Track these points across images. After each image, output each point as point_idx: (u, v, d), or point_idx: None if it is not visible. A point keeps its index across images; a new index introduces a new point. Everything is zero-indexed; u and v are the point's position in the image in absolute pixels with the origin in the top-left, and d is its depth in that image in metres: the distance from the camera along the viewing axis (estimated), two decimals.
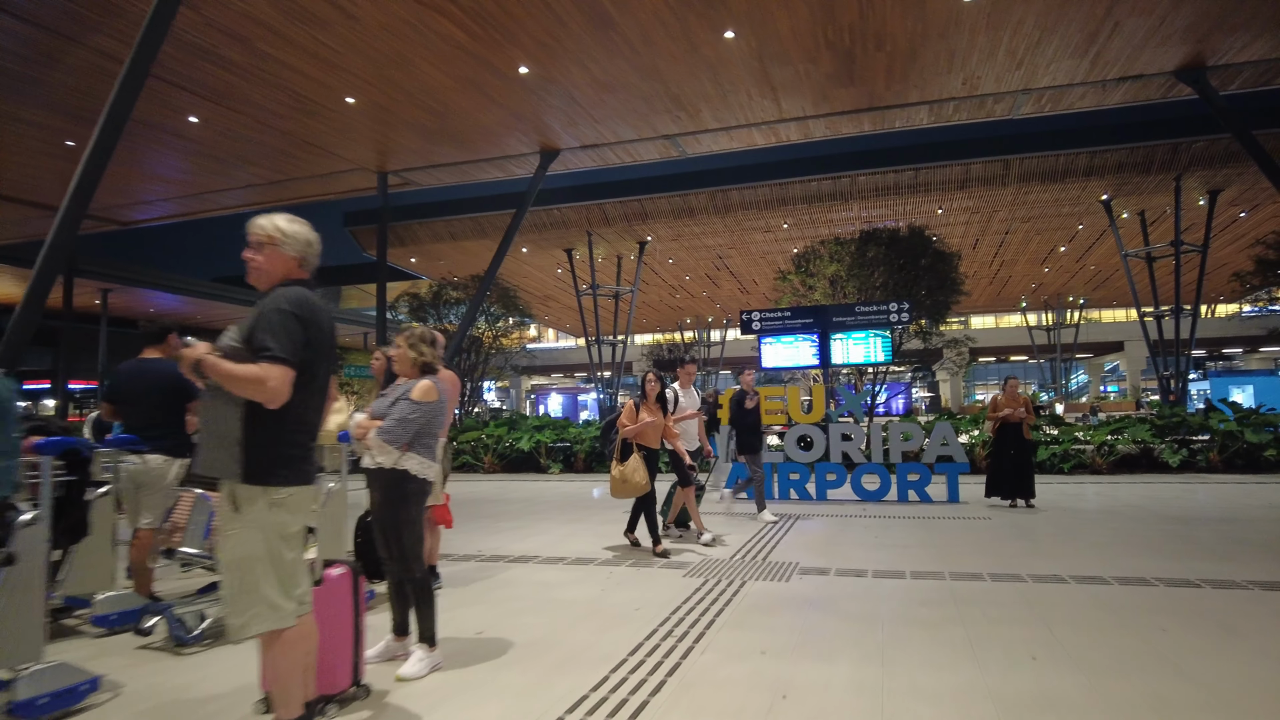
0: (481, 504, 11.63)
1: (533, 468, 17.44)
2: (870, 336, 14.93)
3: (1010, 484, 9.90)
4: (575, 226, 31.25)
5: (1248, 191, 28.77)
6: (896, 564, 6.45)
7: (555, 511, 10.52)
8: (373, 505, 4.14)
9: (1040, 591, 5.39)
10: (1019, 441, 9.96)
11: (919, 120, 18.76)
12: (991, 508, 9.86)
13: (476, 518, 9.91)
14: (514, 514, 10.29)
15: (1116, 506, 9.84)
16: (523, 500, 12.08)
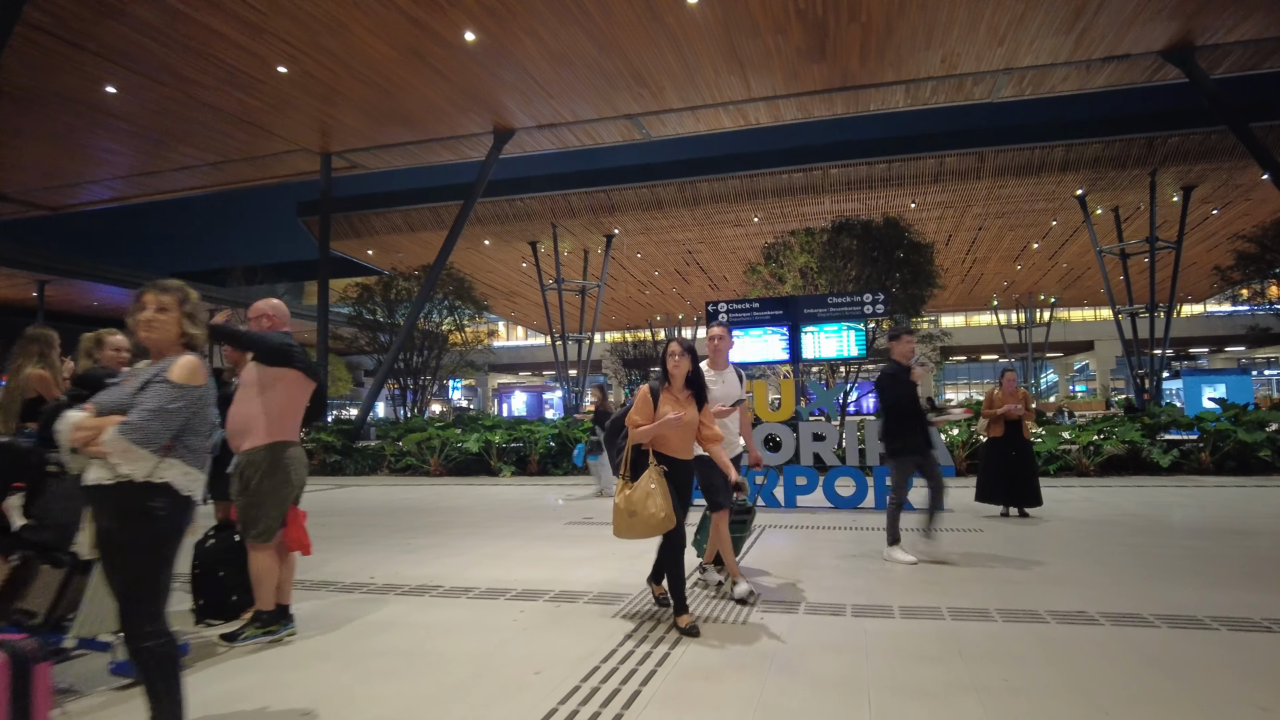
0: (406, 514, 10.21)
1: (483, 470, 16.02)
2: (843, 329, 13.71)
3: (1006, 490, 8.68)
4: (539, 218, 29.84)
5: (1220, 189, 28.12)
6: (880, 595, 5.16)
7: (491, 522, 9.13)
8: (98, 540, 2.72)
9: (1068, 638, 4.11)
10: (1018, 442, 8.73)
11: (894, 102, 17.61)
12: (983, 517, 8.62)
13: (391, 532, 8.50)
14: (439, 526, 8.88)
15: (1117, 515, 8.65)
16: (459, 509, 10.67)
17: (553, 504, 10.92)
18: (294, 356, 4.33)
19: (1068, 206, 29.93)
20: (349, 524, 9.26)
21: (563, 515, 9.54)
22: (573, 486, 13.39)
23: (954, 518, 8.57)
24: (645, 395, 4.55)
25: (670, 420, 4.39)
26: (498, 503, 11.25)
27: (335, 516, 10.04)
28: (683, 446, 4.65)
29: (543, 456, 15.86)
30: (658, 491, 4.36)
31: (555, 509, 10.17)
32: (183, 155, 19.55)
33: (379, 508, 10.96)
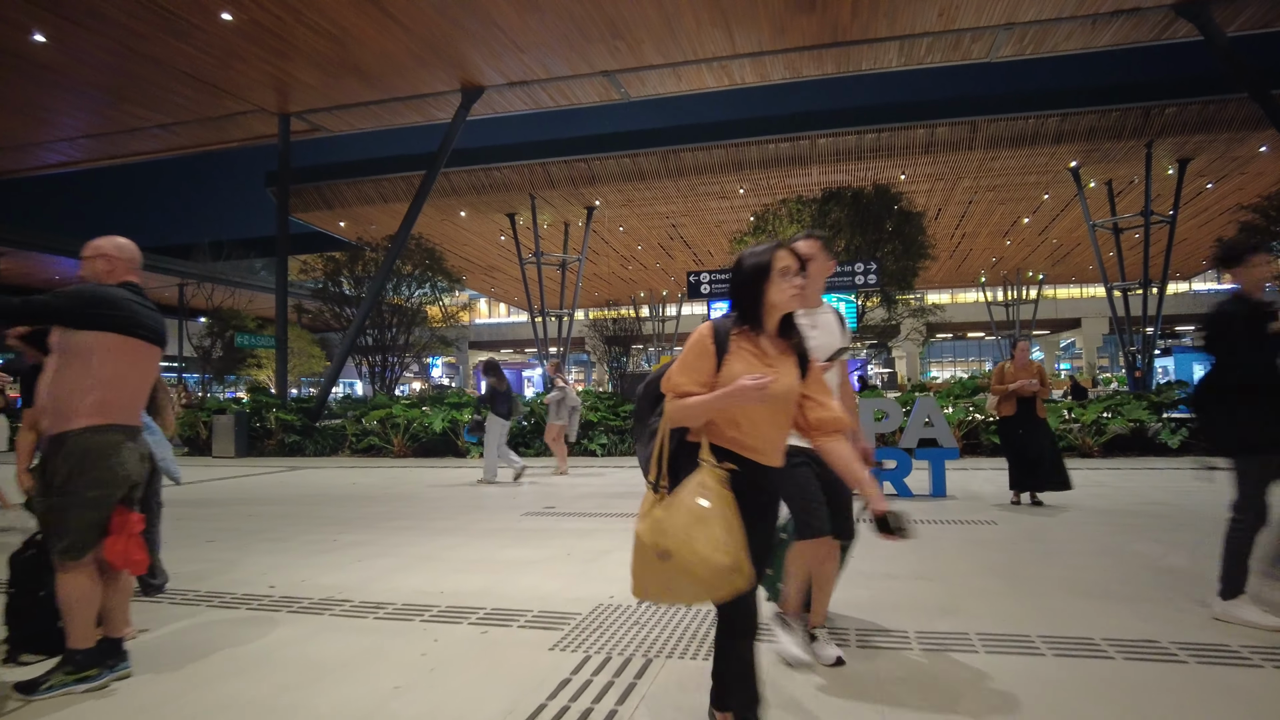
0: (349, 502, 9.10)
1: (450, 451, 14.92)
2: (833, 301, 12.62)
3: (1024, 474, 7.67)
4: (517, 189, 28.55)
5: (1216, 161, 27.28)
6: (890, 614, 4.11)
7: (437, 512, 8.04)
8: None
9: (1143, 680, 3.08)
10: (1031, 420, 7.71)
11: (888, 61, 16.45)
12: (991, 507, 7.61)
13: (321, 525, 7.38)
14: (378, 518, 7.78)
15: (1143, 505, 7.66)
16: (409, 495, 9.57)
17: (515, 487, 9.84)
18: (100, 316, 3.17)
19: (1060, 180, 28.98)
20: (279, 514, 8.14)
21: (520, 503, 8.46)
22: (540, 470, 12.32)
23: (959, 506, 7.55)
24: (703, 341, 2.41)
25: (749, 388, 2.21)
26: (455, 487, 10.16)
27: (270, 505, 8.92)
28: (770, 437, 2.45)
29: (512, 436, 14.74)
30: (715, 516, 2.24)
31: (513, 498, 9.08)
32: (130, 116, 18.11)
33: (322, 494, 9.85)
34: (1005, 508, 7.56)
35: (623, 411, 14.81)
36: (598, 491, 9.36)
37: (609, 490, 9.49)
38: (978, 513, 7.26)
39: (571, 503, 8.41)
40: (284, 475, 12.48)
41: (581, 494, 9.15)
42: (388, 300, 21.36)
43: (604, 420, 14.53)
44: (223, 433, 16.00)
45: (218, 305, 31.85)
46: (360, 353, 23.14)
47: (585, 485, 10.07)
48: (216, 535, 6.89)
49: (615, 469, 12.09)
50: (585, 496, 8.89)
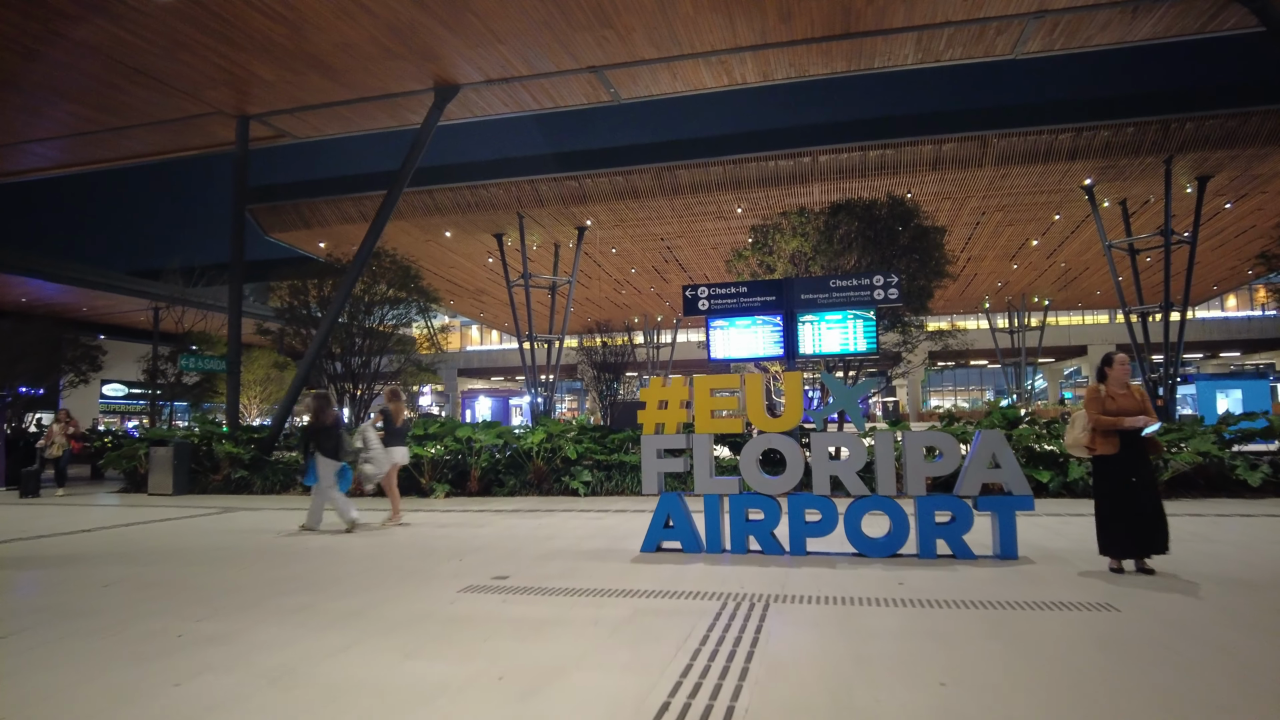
0: (246, 561, 7.06)
1: (413, 489, 12.89)
2: (849, 319, 10.81)
3: (1132, 534, 5.70)
4: (505, 208, 26.73)
5: (1236, 180, 25.63)
6: None
7: (350, 582, 6.03)
8: None
9: None
10: (1142, 464, 5.77)
11: (903, 57, 14.71)
12: (1088, 576, 5.64)
13: (185, 601, 5.37)
14: (268, 588, 5.77)
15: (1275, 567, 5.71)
16: (332, 550, 7.54)
17: (456, 553, 7.84)
18: None
19: (1072, 199, 27.28)
20: (144, 582, 6.13)
21: (465, 568, 6.45)
22: (512, 513, 10.31)
23: (1042, 572, 5.58)
24: None
25: None
26: (392, 542, 8.15)
27: (147, 565, 6.89)
28: None
29: (485, 471, 12.77)
30: None
31: (459, 558, 7.06)
32: (66, 114, 16.27)
33: (227, 548, 7.82)
34: (1105, 577, 5.59)
35: (611, 443, 12.84)
36: (569, 549, 7.35)
37: (584, 547, 7.48)
38: (1076, 587, 5.28)
39: (531, 567, 6.42)
40: (207, 520, 10.47)
41: (548, 552, 7.14)
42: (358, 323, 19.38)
43: (589, 454, 12.53)
44: (160, 467, 13.97)
45: (188, 329, 29.90)
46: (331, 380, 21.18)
47: (557, 538, 8.06)
48: (21, 619, 4.89)
49: (599, 514, 10.07)
50: (552, 557, 6.88)
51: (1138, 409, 5.76)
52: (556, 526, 8.83)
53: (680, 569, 6.15)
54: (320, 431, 9.12)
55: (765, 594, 5.21)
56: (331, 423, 9.24)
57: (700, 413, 7.08)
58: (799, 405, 6.91)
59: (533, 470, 12.46)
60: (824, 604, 4.94)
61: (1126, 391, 5.89)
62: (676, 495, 6.97)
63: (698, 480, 6.94)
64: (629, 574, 6.01)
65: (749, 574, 5.91)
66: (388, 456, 9.59)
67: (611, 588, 5.48)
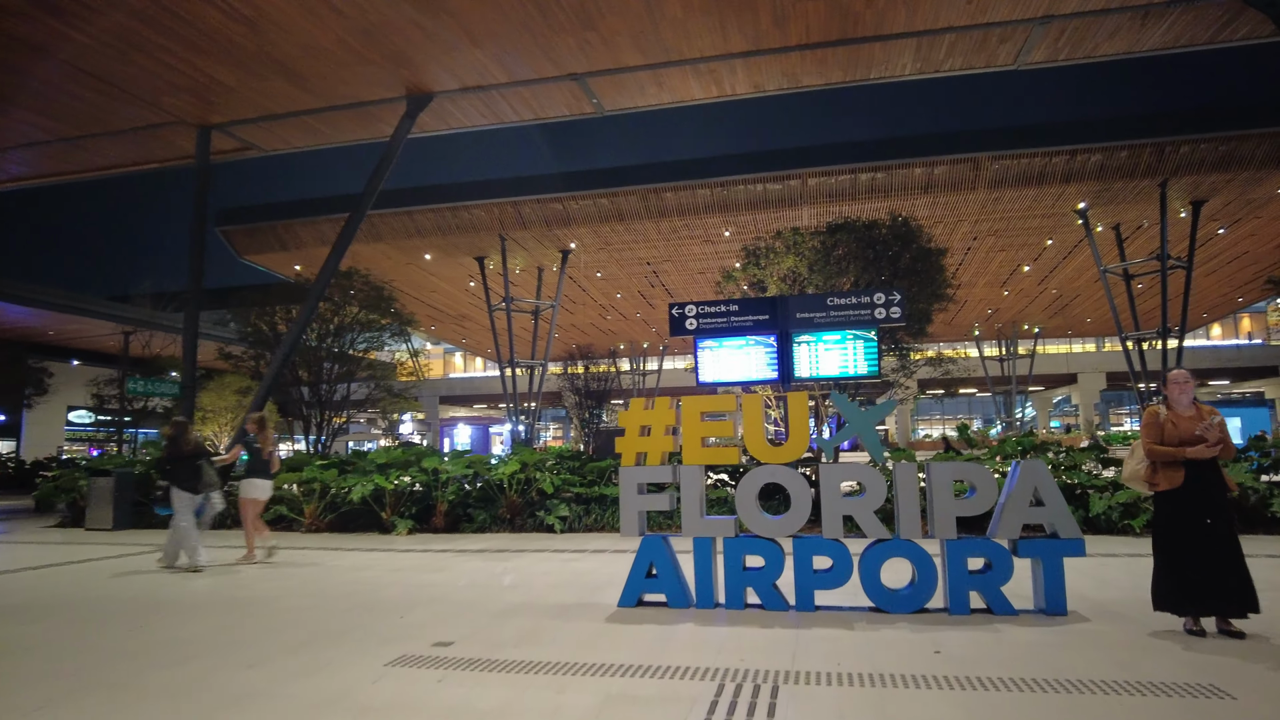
0: (147, 614, 5.89)
1: (373, 525, 11.71)
2: (848, 339, 9.73)
3: (1204, 585, 4.66)
4: (486, 230, 25.79)
5: (1230, 204, 25.09)
6: None
7: (263, 643, 4.87)
8: None
9: None
10: (1215, 500, 4.76)
11: (901, 66, 13.92)
12: (1164, 640, 4.58)
13: (37, 675, 4.23)
14: (156, 653, 4.62)
15: None
16: (259, 601, 6.38)
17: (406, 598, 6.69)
18: None
19: (1065, 224, 26.66)
20: (32, 643, 4.96)
21: (400, 629, 5.30)
22: (478, 553, 9.15)
23: (1102, 634, 4.51)
24: None
25: None
26: (332, 591, 6.98)
27: (21, 623, 5.71)
28: None
29: (453, 505, 11.61)
30: None
31: (399, 615, 5.92)
32: (24, 125, 15.23)
33: (128, 597, 6.62)
34: (1184, 641, 4.53)
35: (590, 473, 11.72)
36: (534, 602, 6.22)
37: (553, 599, 6.34)
38: (1158, 658, 4.21)
39: (484, 628, 5.29)
40: (135, 559, 9.31)
41: (509, 606, 6.01)
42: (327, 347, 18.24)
43: (567, 485, 11.41)
44: (99, 499, 12.73)
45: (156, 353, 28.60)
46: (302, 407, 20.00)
47: (523, 587, 6.93)
48: None
49: (574, 554, 8.94)
50: (513, 613, 5.75)
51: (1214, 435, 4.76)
52: (524, 571, 7.69)
53: (665, 632, 5.04)
54: (177, 462, 8.40)
55: (771, 670, 4.11)
56: (190, 452, 8.50)
57: (689, 440, 6.02)
58: (805, 432, 5.87)
59: (505, 504, 11.31)
60: (847, 685, 3.85)
61: (1193, 414, 4.88)
62: (661, 538, 5.88)
63: (686, 520, 5.87)
64: (602, 639, 4.90)
65: (749, 638, 4.81)
66: (246, 489, 8.89)
67: (578, 661, 4.37)
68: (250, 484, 8.98)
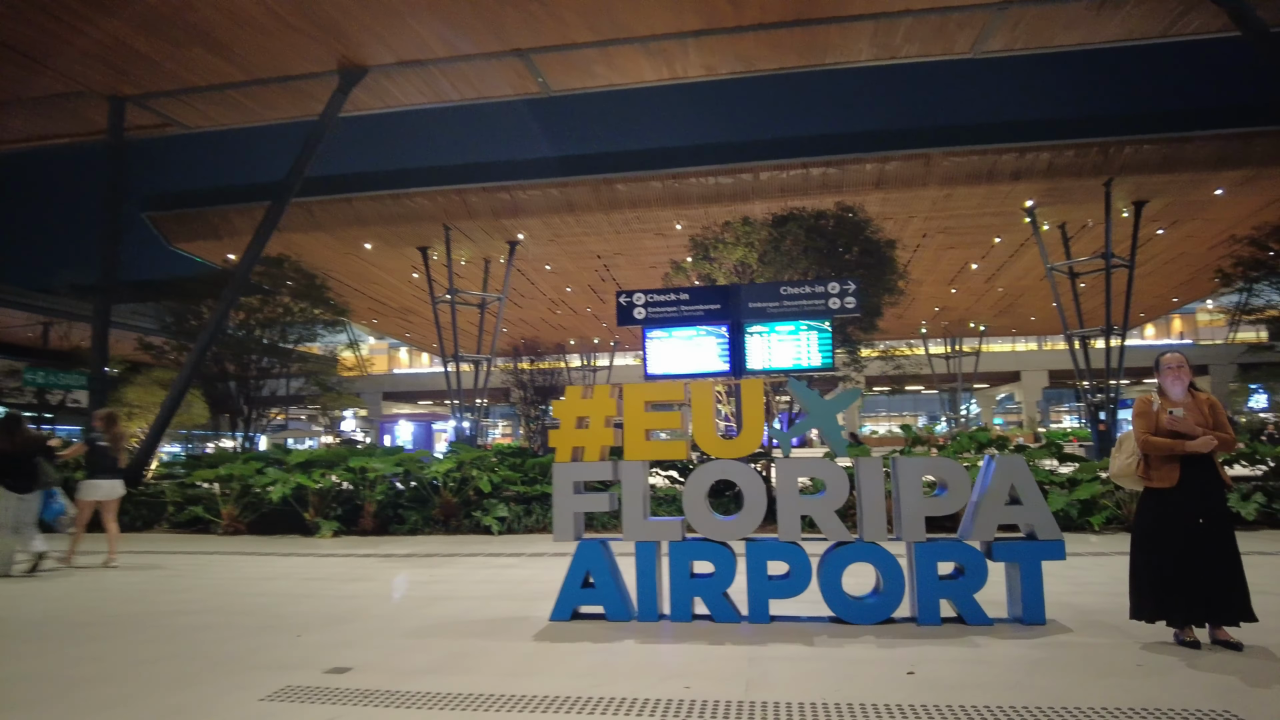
0: (16, 637, 5.04)
1: (295, 527, 10.82)
2: (801, 330, 9.33)
3: (1193, 591, 4.18)
4: (431, 219, 24.78)
5: (1171, 205, 25.41)
6: None
7: (116, 675, 4.10)
8: None
9: None
10: (1212, 496, 4.30)
11: (858, 52, 13.52)
12: (1159, 653, 4.09)
13: None
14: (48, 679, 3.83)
15: None
16: (142, 618, 5.54)
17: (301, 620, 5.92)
18: None
19: (1013, 222, 26.74)
20: None
21: (296, 653, 4.56)
22: (405, 558, 8.37)
23: (1090, 649, 4.00)
24: None
25: None
26: (240, 601, 6.17)
27: None
28: None
29: (383, 506, 10.78)
30: None
31: (292, 637, 5.15)
32: None
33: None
34: (1182, 655, 4.05)
35: (531, 469, 11.01)
36: (460, 617, 5.50)
37: (481, 613, 5.63)
38: (1159, 676, 3.70)
39: (397, 649, 4.57)
40: None
41: (430, 622, 5.29)
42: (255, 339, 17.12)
43: (506, 485, 10.67)
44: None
45: (75, 346, 26.93)
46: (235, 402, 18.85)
47: (449, 599, 6.20)
48: None
49: (511, 559, 8.23)
50: (433, 631, 5.04)
51: (1204, 426, 4.29)
52: (454, 579, 6.96)
53: (602, 652, 4.39)
54: (6, 460, 7.65)
55: (723, 701, 3.48)
56: (20, 450, 7.76)
57: (632, 433, 5.37)
58: (760, 423, 5.27)
59: (439, 504, 10.53)
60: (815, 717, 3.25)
61: (1189, 402, 4.41)
62: (599, 544, 5.23)
63: (628, 523, 5.22)
64: (532, 662, 4.22)
65: (698, 659, 4.19)
66: (85, 490, 8.26)
67: (499, 692, 3.68)
68: (90, 485, 8.29)
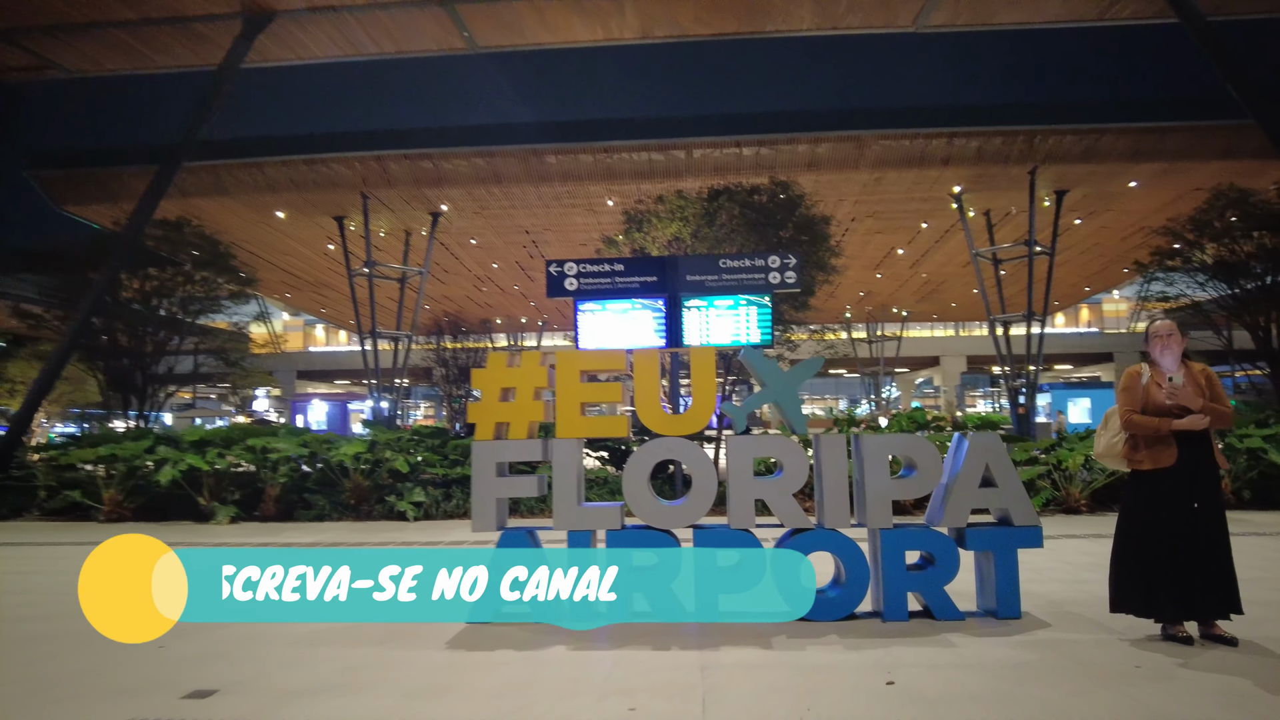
0: None
1: (189, 513, 9.75)
2: (740, 305, 8.69)
3: (1182, 583, 3.77)
4: (348, 187, 23.33)
5: (1089, 196, 26.08)
6: None
7: None
8: None
9: None
10: (1205, 481, 3.89)
11: (799, 20, 13.03)
12: (1150, 650, 3.68)
13: None
14: None
15: None
16: (6, 619, 4.62)
17: None
18: None
19: (940, 209, 27.00)
20: None
21: (154, 670, 3.75)
22: (307, 549, 7.49)
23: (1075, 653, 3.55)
24: None
25: None
26: None
27: None
28: None
29: (286, 490, 9.81)
30: None
31: (157, 648, 4.30)
32: None
33: None
34: (1175, 652, 3.64)
35: (452, 452, 10.20)
36: (338, 637, 4.74)
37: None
38: (1165, 690, 3.26)
39: (277, 663, 3.80)
40: None
41: (318, 631, 4.51)
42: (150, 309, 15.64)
43: (424, 467, 9.84)
44: None
45: None
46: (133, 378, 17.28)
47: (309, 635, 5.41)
48: None
49: (425, 549, 7.45)
50: (324, 639, 4.27)
51: (1198, 401, 3.87)
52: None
53: (529, 663, 3.72)
54: None
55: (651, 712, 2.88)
56: None
57: (565, 407, 4.69)
58: (711, 396, 4.67)
59: (350, 488, 9.64)
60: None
61: (1183, 375, 3.99)
62: (525, 533, 4.55)
63: (559, 509, 4.54)
64: (441, 677, 3.52)
65: (642, 667, 3.57)
66: None
67: (401, 719, 2.98)
68: None
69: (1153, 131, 22.21)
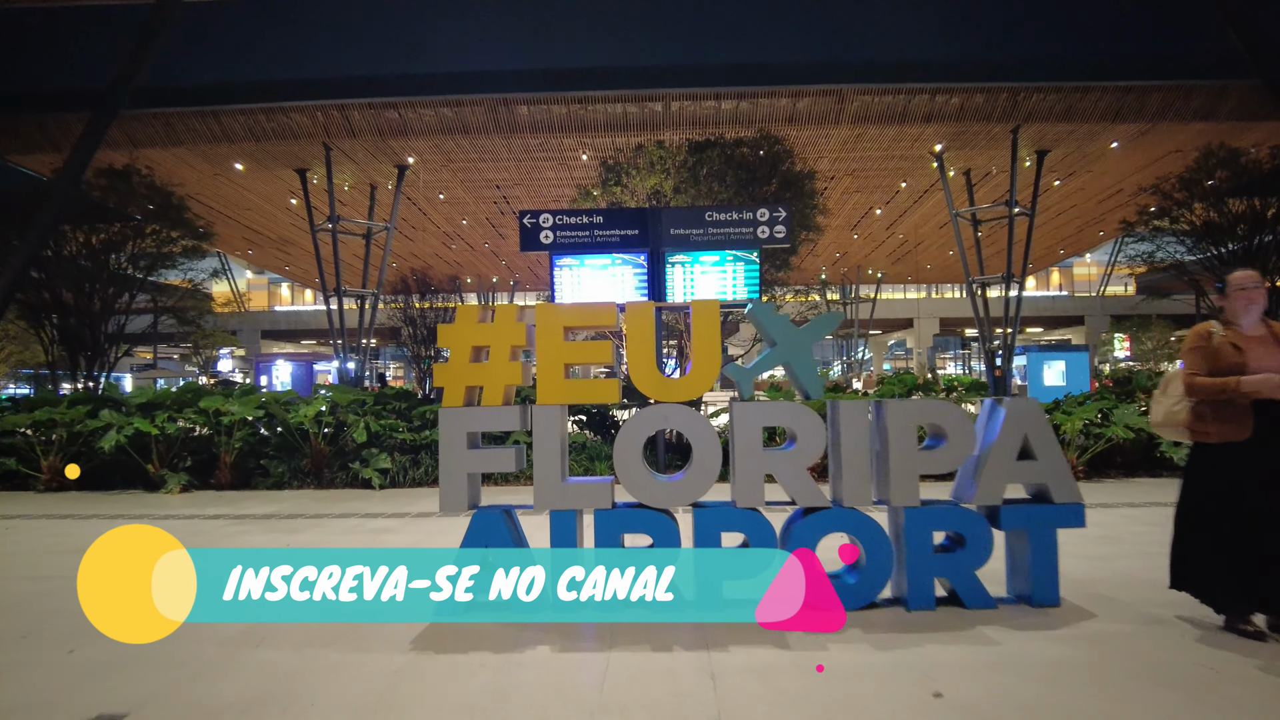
0: None
1: (137, 481, 9.03)
2: (727, 261, 8.26)
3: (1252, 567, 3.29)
4: (309, 137, 22.17)
5: (1069, 157, 25.75)
6: None
7: None
8: None
9: None
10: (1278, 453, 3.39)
11: None
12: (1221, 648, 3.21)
13: None
14: None
15: None
16: None
17: None
18: None
19: (919, 168, 26.51)
20: None
21: (62, 678, 3.13)
22: (261, 520, 6.84)
23: (1165, 659, 3.08)
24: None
25: None
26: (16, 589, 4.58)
27: None
28: None
29: (242, 456, 9.12)
30: None
31: (65, 653, 3.67)
32: None
33: None
34: (1245, 649, 3.18)
35: (421, 417, 9.54)
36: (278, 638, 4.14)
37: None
38: (1243, 693, 2.80)
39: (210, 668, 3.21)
40: None
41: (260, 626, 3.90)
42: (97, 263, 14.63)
43: (389, 432, 9.19)
44: None
45: None
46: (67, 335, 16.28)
47: None
48: None
49: (391, 520, 6.84)
50: (270, 636, 3.68)
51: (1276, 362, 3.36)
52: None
53: (505, 665, 3.16)
54: None
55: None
56: None
57: (547, 369, 4.07)
58: (716, 357, 4.08)
59: (310, 454, 8.97)
60: None
61: (1263, 335, 3.45)
62: (501, 513, 3.96)
63: (541, 486, 3.95)
64: (400, 688, 2.94)
65: (639, 673, 3.02)
66: None
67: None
68: None
69: (1134, 90, 21.82)
